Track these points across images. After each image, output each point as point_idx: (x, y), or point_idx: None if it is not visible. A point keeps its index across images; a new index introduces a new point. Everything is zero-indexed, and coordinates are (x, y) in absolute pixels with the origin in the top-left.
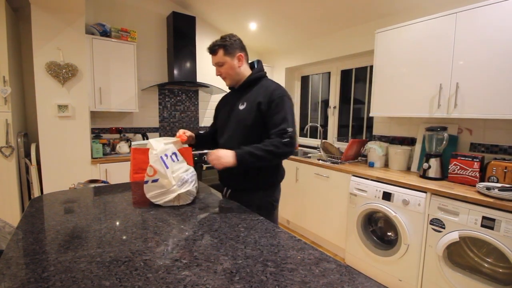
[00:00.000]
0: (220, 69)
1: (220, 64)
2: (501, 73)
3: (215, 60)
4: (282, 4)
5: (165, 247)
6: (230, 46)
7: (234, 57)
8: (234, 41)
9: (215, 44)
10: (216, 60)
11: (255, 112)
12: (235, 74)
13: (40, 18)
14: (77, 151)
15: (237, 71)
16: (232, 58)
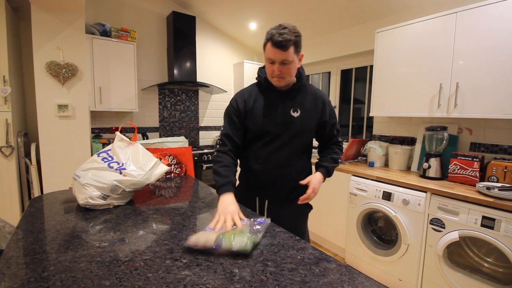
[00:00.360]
0: (283, 68)
1: (287, 63)
2: (501, 73)
3: (284, 56)
4: (282, 4)
5: (165, 247)
6: (300, 43)
7: (298, 57)
8: (300, 37)
9: (288, 39)
10: (285, 57)
11: (314, 124)
12: (293, 75)
13: (40, 18)
14: (77, 151)
15: (295, 72)
16: (298, 57)
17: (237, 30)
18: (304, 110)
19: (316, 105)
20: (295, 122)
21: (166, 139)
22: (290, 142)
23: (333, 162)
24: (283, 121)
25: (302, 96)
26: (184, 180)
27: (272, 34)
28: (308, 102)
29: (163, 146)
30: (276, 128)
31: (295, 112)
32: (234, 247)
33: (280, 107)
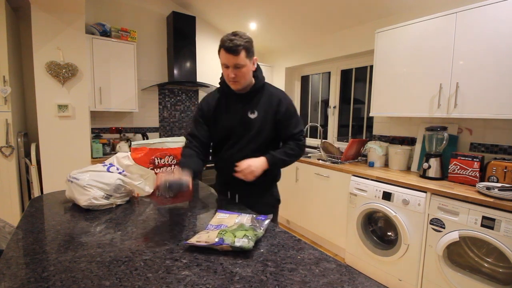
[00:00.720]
0: (237, 72)
1: (239, 66)
2: (501, 73)
3: (236, 61)
4: (282, 4)
5: (165, 247)
6: (251, 47)
7: (251, 60)
8: (252, 41)
9: (238, 44)
10: (237, 61)
11: (271, 123)
12: (249, 78)
13: (40, 18)
14: (77, 151)
15: (251, 75)
16: (251, 61)
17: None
18: (261, 110)
19: (271, 105)
20: (253, 123)
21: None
22: (250, 142)
23: (283, 155)
24: (242, 123)
25: (259, 97)
26: None
27: (223, 41)
28: (264, 102)
29: (163, 146)
30: (236, 131)
31: (252, 113)
32: (237, 242)
33: (238, 109)
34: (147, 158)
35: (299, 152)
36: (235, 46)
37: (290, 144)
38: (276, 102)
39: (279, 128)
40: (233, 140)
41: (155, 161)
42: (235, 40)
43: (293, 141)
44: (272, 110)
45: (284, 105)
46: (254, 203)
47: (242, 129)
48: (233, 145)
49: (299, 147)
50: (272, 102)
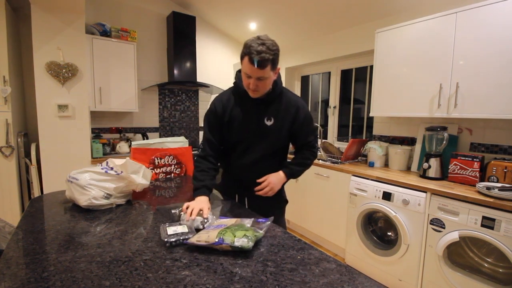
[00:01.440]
0: (259, 83)
1: (263, 79)
2: (501, 73)
3: (261, 74)
4: (282, 4)
5: (165, 247)
6: (277, 59)
7: (275, 72)
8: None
9: (266, 58)
10: (262, 74)
11: (286, 131)
12: (269, 88)
13: (40, 18)
14: (77, 151)
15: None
16: (274, 72)
17: (237, 30)
18: (277, 118)
19: (288, 112)
20: (269, 130)
21: (166, 139)
22: (264, 149)
23: (300, 165)
24: (258, 130)
25: (276, 104)
26: (184, 180)
27: (250, 51)
28: (281, 110)
29: (163, 146)
30: (251, 137)
31: (269, 120)
32: (237, 242)
33: (254, 116)
34: (147, 158)
35: (313, 160)
36: (263, 60)
37: (305, 153)
38: (294, 110)
39: (294, 136)
40: (246, 145)
41: (155, 161)
42: (263, 53)
43: (308, 149)
44: (290, 118)
45: (302, 114)
46: (263, 205)
47: (257, 136)
48: (246, 150)
49: (313, 155)
50: (290, 110)
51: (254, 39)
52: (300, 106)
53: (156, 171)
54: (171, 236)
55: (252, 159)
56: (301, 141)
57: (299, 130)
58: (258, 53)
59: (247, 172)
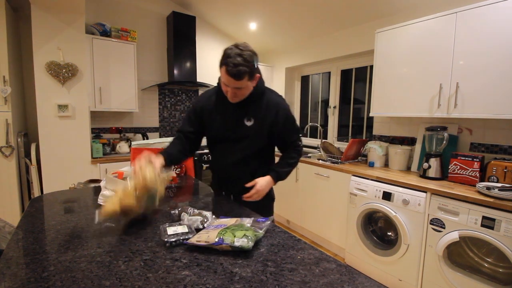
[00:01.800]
0: (237, 91)
1: (239, 88)
2: (501, 73)
3: (237, 85)
4: (282, 4)
5: (165, 247)
6: (254, 70)
7: (253, 80)
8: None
9: (241, 70)
10: (239, 85)
11: (267, 132)
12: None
13: (40, 18)
14: (77, 151)
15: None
16: (252, 81)
17: (237, 30)
18: (257, 118)
19: (268, 113)
20: (249, 130)
21: (166, 139)
22: (244, 148)
23: (286, 166)
24: (237, 129)
25: (257, 105)
26: (184, 180)
27: (227, 62)
28: (261, 110)
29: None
30: (231, 137)
31: (249, 121)
32: (237, 242)
33: (234, 116)
34: None
35: (299, 158)
36: (238, 72)
37: (290, 152)
38: (274, 111)
39: (277, 136)
40: (227, 144)
41: None
42: (240, 66)
43: (293, 148)
44: (270, 119)
45: (283, 115)
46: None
47: (237, 135)
48: (227, 148)
49: (298, 153)
50: (271, 110)
51: (232, 48)
52: (281, 107)
53: None
54: (171, 236)
55: (234, 159)
56: (285, 141)
57: (281, 131)
58: (235, 65)
59: (230, 172)
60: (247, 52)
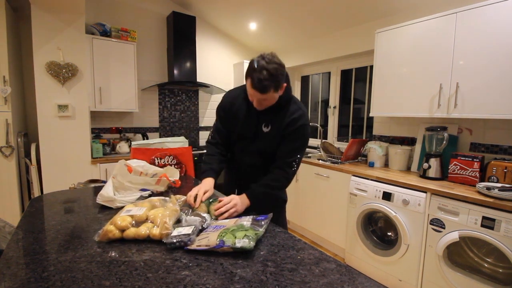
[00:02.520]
0: (263, 102)
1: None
2: (501, 73)
3: (263, 97)
4: (282, 4)
5: (165, 247)
6: (280, 83)
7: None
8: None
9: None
10: (264, 97)
11: (278, 139)
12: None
13: (40, 18)
14: (77, 151)
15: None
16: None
17: (237, 30)
18: (274, 126)
19: (283, 121)
20: (265, 136)
21: (166, 139)
22: (260, 152)
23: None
24: (255, 133)
25: (277, 113)
26: (184, 180)
27: (252, 76)
28: (279, 118)
29: (163, 146)
30: (248, 139)
31: (266, 127)
32: (238, 243)
33: (254, 120)
34: (147, 158)
35: (285, 184)
36: (263, 87)
37: (276, 173)
38: (288, 120)
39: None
40: (244, 146)
41: (155, 161)
42: (265, 82)
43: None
44: (282, 127)
45: (294, 126)
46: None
47: (254, 139)
48: (244, 150)
49: (286, 177)
50: (286, 119)
51: (258, 60)
52: (297, 118)
53: None
54: (173, 238)
55: (248, 159)
56: (280, 153)
57: (284, 137)
58: (259, 81)
59: (242, 172)
60: (273, 66)
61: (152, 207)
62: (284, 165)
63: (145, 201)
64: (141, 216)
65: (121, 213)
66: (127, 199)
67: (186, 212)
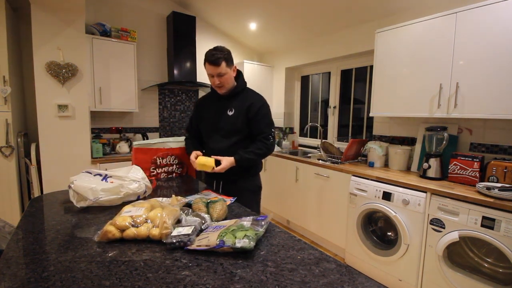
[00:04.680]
0: (221, 79)
1: (222, 74)
2: (501, 72)
3: (218, 70)
4: (282, 4)
5: (165, 247)
6: (229, 57)
7: (231, 68)
8: (230, 53)
9: (218, 56)
10: (219, 71)
11: (243, 118)
12: (231, 83)
13: (40, 18)
14: (77, 151)
15: (232, 80)
16: (231, 69)
17: (237, 30)
18: (236, 109)
19: (244, 104)
20: (230, 119)
21: (167, 139)
22: (228, 135)
23: (249, 153)
24: (221, 119)
25: (237, 98)
26: (185, 180)
27: (207, 56)
28: (240, 103)
29: (164, 146)
30: (215, 125)
31: (230, 111)
32: (238, 243)
33: (220, 108)
34: (149, 157)
35: (266, 152)
36: (216, 59)
37: (257, 143)
38: (248, 103)
39: (250, 126)
40: (215, 134)
41: (157, 161)
42: (216, 54)
43: (260, 140)
44: (244, 109)
45: (256, 107)
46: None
47: (221, 123)
48: (215, 138)
49: (266, 146)
50: (246, 102)
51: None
52: (256, 99)
53: (158, 171)
54: (172, 238)
55: (221, 147)
56: (255, 130)
57: (253, 120)
58: (211, 55)
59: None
60: (220, 46)
61: (151, 207)
62: (262, 138)
63: (145, 201)
64: (140, 216)
65: (121, 213)
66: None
67: (186, 212)
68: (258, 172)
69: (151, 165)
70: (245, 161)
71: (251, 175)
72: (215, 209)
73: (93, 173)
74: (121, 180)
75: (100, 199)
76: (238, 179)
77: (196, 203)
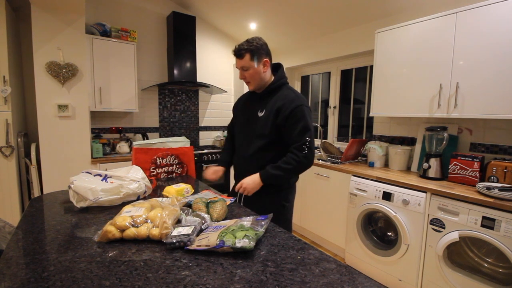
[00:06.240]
0: (245, 73)
1: (245, 69)
2: (501, 73)
3: (241, 64)
4: (282, 4)
5: (165, 247)
6: (256, 51)
7: (260, 62)
8: (260, 46)
9: (242, 48)
10: (242, 64)
11: (272, 121)
12: (259, 79)
13: (40, 18)
14: (77, 151)
15: (262, 76)
16: (258, 63)
17: (237, 30)
18: (267, 110)
19: (274, 106)
20: (258, 121)
21: (167, 139)
22: (256, 139)
23: (277, 169)
24: (251, 121)
25: (275, 98)
26: (185, 180)
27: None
28: (272, 102)
29: (164, 146)
30: (244, 127)
31: (261, 112)
32: (238, 243)
33: (252, 108)
34: (149, 157)
35: (297, 166)
36: (238, 49)
37: (287, 156)
38: (279, 104)
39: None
40: (244, 138)
41: (157, 161)
42: (241, 45)
43: (293, 152)
44: (274, 111)
45: (287, 109)
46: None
47: (250, 125)
48: (243, 142)
49: (297, 159)
50: (277, 102)
51: None
52: (287, 102)
53: (158, 170)
54: (172, 238)
55: (248, 153)
56: (286, 139)
57: (284, 124)
58: (237, 46)
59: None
60: (253, 38)
61: (151, 207)
62: (294, 149)
63: (145, 201)
64: (140, 216)
65: (121, 214)
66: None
67: (186, 212)
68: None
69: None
70: (272, 179)
71: (275, 190)
72: (215, 209)
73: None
74: (121, 180)
75: (100, 199)
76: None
77: (196, 203)
